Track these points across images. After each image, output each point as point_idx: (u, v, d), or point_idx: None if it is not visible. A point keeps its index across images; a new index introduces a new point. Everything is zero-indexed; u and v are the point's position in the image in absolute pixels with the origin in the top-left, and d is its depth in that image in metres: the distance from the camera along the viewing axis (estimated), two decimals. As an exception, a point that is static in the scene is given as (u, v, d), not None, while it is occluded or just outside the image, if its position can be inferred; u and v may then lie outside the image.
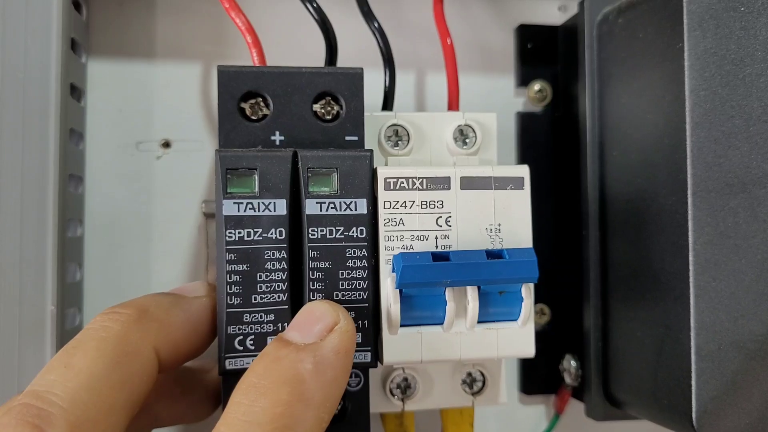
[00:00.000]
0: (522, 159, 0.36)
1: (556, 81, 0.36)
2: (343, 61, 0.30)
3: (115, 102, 0.33)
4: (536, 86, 0.36)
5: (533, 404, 0.36)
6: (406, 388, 0.29)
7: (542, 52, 0.36)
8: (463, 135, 0.29)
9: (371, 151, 0.26)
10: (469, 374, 0.29)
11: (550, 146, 0.36)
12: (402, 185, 0.26)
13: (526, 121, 0.36)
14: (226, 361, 0.25)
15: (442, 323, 0.26)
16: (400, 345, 0.26)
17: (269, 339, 0.25)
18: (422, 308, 0.26)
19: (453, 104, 0.32)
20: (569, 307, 0.34)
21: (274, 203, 0.25)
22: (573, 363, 0.34)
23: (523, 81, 0.36)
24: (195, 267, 0.33)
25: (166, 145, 0.33)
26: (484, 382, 0.29)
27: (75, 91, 0.31)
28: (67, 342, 0.29)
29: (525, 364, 0.36)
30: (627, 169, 0.30)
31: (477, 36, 0.36)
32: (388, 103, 0.31)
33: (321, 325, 0.22)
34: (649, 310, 0.29)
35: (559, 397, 0.35)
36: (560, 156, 0.35)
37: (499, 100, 0.36)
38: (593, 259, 0.32)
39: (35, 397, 0.20)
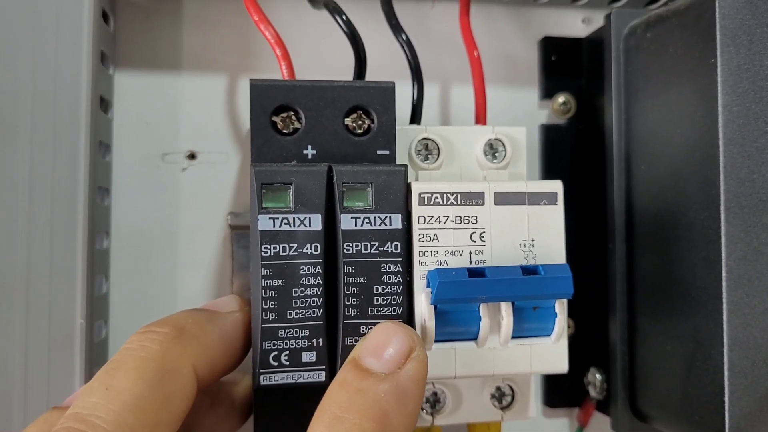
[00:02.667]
0: (546, 171, 0.36)
1: (580, 93, 0.36)
2: (369, 73, 0.30)
3: (142, 113, 0.33)
4: (560, 98, 0.36)
5: (557, 417, 0.36)
6: (435, 402, 0.29)
7: (566, 64, 0.36)
8: (492, 149, 0.29)
9: (405, 165, 0.26)
10: (498, 388, 0.29)
11: (573, 159, 0.36)
12: (436, 200, 0.26)
13: (550, 134, 0.36)
14: (261, 377, 0.24)
15: (475, 339, 0.26)
16: (435, 360, 0.26)
17: (304, 354, 0.25)
18: (456, 324, 0.26)
19: (480, 118, 0.32)
20: (594, 320, 0.34)
21: (310, 218, 0.25)
22: (598, 376, 0.34)
23: (547, 93, 0.36)
24: (220, 279, 0.33)
25: (192, 156, 0.33)
26: (513, 397, 0.29)
27: (103, 103, 0.31)
28: (95, 357, 0.30)
29: (549, 377, 0.36)
30: (655, 183, 0.30)
31: (501, 48, 0.36)
32: (416, 117, 0.31)
33: (396, 350, 0.22)
34: (679, 324, 0.29)
35: (583, 410, 0.35)
36: (584, 168, 0.35)
37: (523, 112, 0.36)
38: (619, 272, 0.32)
39: (79, 421, 0.20)
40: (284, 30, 0.29)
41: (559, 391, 0.36)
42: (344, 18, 0.30)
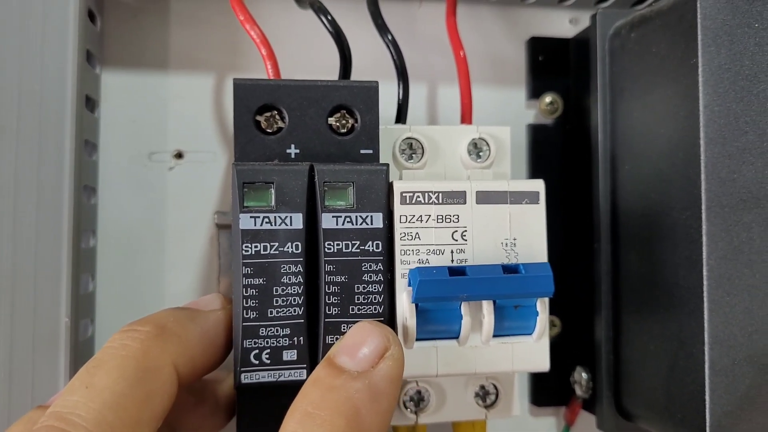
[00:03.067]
0: (533, 171, 0.36)
1: (568, 93, 0.36)
2: (355, 73, 0.31)
3: (129, 113, 0.33)
4: (547, 98, 0.36)
5: (544, 416, 0.36)
6: (419, 401, 0.29)
7: (554, 64, 0.36)
8: (477, 148, 0.29)
9: (387, 165, 0.26)
10: (482, 387, 0.29)
11: (560, 158, 0.36)
12: (418, 199, 0.26)
13: (537, 134, 0.36)
14: (242, 375, 0.25)
15: (457, 337, 0.26)
16: (416, 359, 0.26)
17: (285, 353, 0.25)
18: (438, 322, 0.26)
19: (466, 117, 0.32)
20: (580, 319, 0.34)
21: (291, 217, 0.25)
22: (584, 375, 0.34)
23: (535, 93, 0.36)
24: (207, 278, 0.33)
25: (179, 156, 0.33)
26: (497, 395, 0.29)
27: (89, 102, 0.31)
28: (80, 355, 0.30)
29: (535, 376, 0.36)
30: (639, 182, 0.30)
31: (488, 48, 0.36)
32: (401, 116, 0.31)
33: (371, 349, 0.22)
34: (662, 323, 0.29)
35: (569, 409, 0.35)
36: (571, 168, 0.36)
37: (510, 112, 0.36)
38: (605, 271, 0.32)
39: (59, 419, 0.20)
40: (270, 30, 0.30)
41: (546, 390, 0.36)
42: (329, 18, 0.30)
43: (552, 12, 0.37)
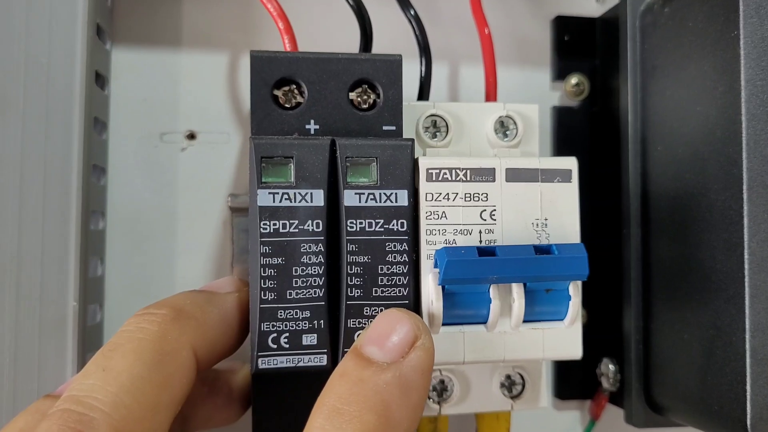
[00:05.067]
0: (557, 154, 0.35)
1: (594, 75, 0.35)
2: (375, 50, 0.29)
3: (140, 91, 0.32)
4: (573, 80, 0.35)
5: (568, 410, 0.35)
6: (442, 391, 0.27)
7: (580, 44, 0.35)
8: (503, 127, 0.28)
9: (412, 140, 0.24)
10: (508, 377, 0.28)
11: (586, 141, 0.35)
12: (445, 176, 0.25)
13: (562, 116, 0.35)
14: (259, 360, 0.23)
15: (485, 322, 0.25)
16: (442, 345, 0.24)
17: (304, 337, 0.23)
18: (465, 306, 0.24)
19: (491, 95, 0.30)
20: (607, 309, 0.33)
21: (311, 194, 0.24)
22: (611, 367, 0.32)
23: (560, 74, 0.35)
24: (220, 262, 0.32)
25: (192, 136, 0.32)
26: (523, 385, 0.28)
27: (99, 79, 0.30)
28: (89, 341, 0.28)
29: (560, 367, 0.34)
30: (673, 164, 0.29)
31: (512, 28, 0.35)
32: (423, 93, 0.30)
33: (400, 339, 0.21)
34: (698, 311, 0.27)
35: (595, 402, 0.34)
36: (597, 151, 0.34)
37: (534, 93, 0.35)
38: (635, 258, 0.31)
39: (75, 402, 0.19)
40: (287, 4, 0.28)
41: (571, 383, 0.34)
42: (350, -10, 0.28)
43: (578, -10, 0.36)
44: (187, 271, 0.32)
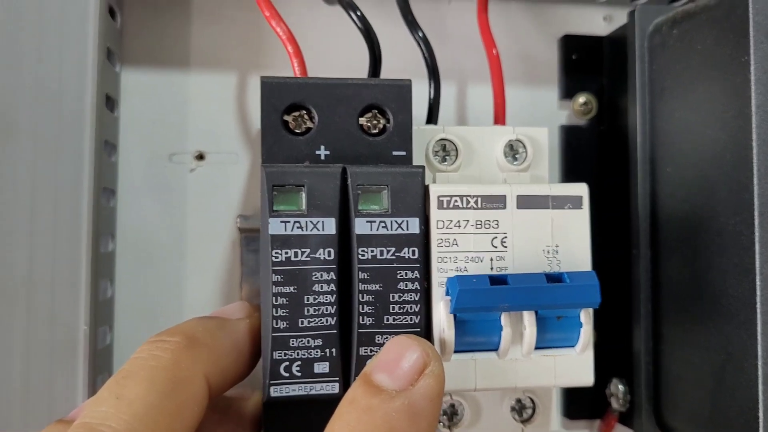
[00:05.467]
0: (565, 173, 0.35)
1: (602, 93, 0.35)
2: (383, 73, 0.29)
3: (149, 112, 0.32)
4: (581, 99, 0.35)
5: (577, 429, 0.35)
6: (452, 415, 0.27)
7: (587, 63, 0.35)
8: (513, 150, 0.28)
9: (423, 167, 0.24)
10: (519, 401, 0.28)
11: (594, 160, 0.35)
12: (456, 204, 0.25)
13: (570, 135, 0.35)
14: (271, 389, 0.23)
15: (496, 349, 0.25)
16: (453, 372, 0.24)
17: (316, 365, 0.23)
18: (476, 334, 0.24)
19: (499, 118, 0.30)
20: (616, 329, 0.33)
21: (323, 222, 0.24)
22: (621, 387, 0.32)
23: (568, 93, 0.35)
24: (229, 284, 0.32)
25: (200, 157, 0.32)
26: (534, 409, 0.28)
27: (109, 101, 0.30)
28: (99, 364, 0.28)
29: (569, 388, 0.34)
30: (682, 186, 0.29)
31: (519, 46, 0.35)
32: (432, 116, 0.30)
33: (410, 366, 0.21)
34: (708, 334, 0.27)
35: (604, 422, 0.34)
36: (606, 171, 0.34)
37: (542, 112, 0.35)
38: (644, 279, 0.31)
39: (89, 430, 0.19)
40: (295, 26, 0.28)
41: (580, 403, 0.34)
42: (359, 14, 0.29)
43: (585, 9, 0.36)
44: (195, 291, 0.32)
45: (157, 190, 0.32)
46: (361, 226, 0.24)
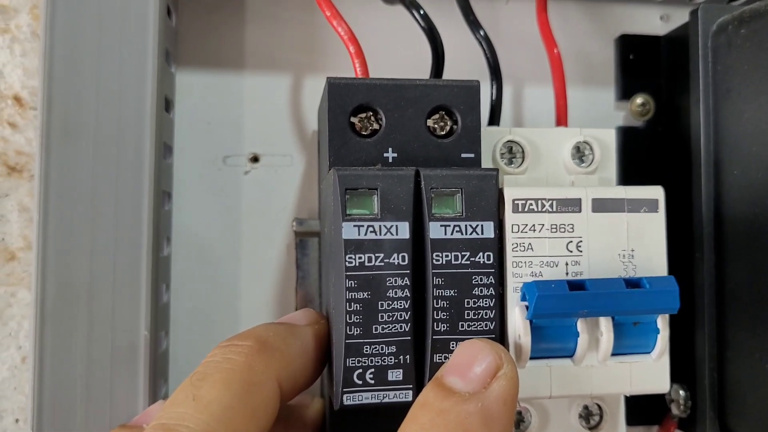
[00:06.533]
0: (623, 175, 0.34)
1: (659, 94, 0.34)
2: (444, 72, 0.29)
3: (203, 114, 0.32)
4: (639, 99, 0.34)
5: (634, 435, 0.34)
6: (519, 422, 0.27)
7: (644, 63, 0.34)
8: (579, 152, 0.27)
9: (497, 170, 0.24)
10: (586, 407, 0.27)
11: (652, 161, 0.34)
12: (531, 207, 0.24)
13: (627, 136, 0.34)
14: (344, 396, 0.23)
15: (572, 356, 0.24)
16: (529, 379, 0.24)
17: (390, 372, 0.23)
18: (552, 340, 0.24)
19: (562, 119, 0.30)
20: (676, 334, 0.32)
21: (397, 226, 0.23)
22: (682, 393, 0.32)
23: (625, 94, 0.34)
24: (284, 287, 0.32)
25: (255, 159, 0.32)
26: (601, 416, 0.27)
27: (166, 103, 0.30)
28: (158, 370, 0.28)
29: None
30: (750, 189, 0.28)
31: (576, 46, 0.34)
32: (494, 117, 0.29)
33: (483, 368, 0.20)
34: (780, 341, 0.27)
35: (663, 428, 0.33)
36: (665, 172, 0.33)
37: (598, 113, 0.34)
38: (708, 283, 0.30)
39: (167, 430, 0.19)
40: (352, 27, 0.28)
41: (638, 408, 0.34)
42: (422, 13, 0.28)
43: (641, 8, 0.35)
44: (251, 295, 0.31)
45: (211, 192, 0.31)
46: (435, 231, 0.23)
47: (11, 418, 0.31)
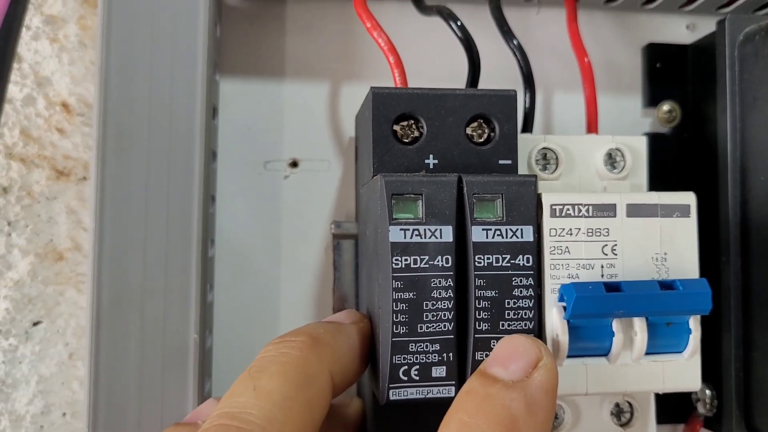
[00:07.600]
0: (650, 180, 0.35)
1: (685, 101, 0.35)
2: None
3: (245, 121, 0.33)
4: (665, 107, 0.35)
5: (660, 433, 0.35)
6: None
7: (671, 71, 0.35)
8: (611, 159, 0.28)
9: (535, 176, 0.25)
10: (617, 405, 0.28)
11: (679, 167, 0.35)
12: (568, 212, 0.25)
13: (654, 143, 0.35)
14: (390, 392, 0.24)
15: (606, 354, 0.25)
16: (565, 377, 0.25)
17: (434, 369, 0.24)
18: (588, 339, 0.25)
19: (592, 126, 0.31)
20: (703, 335, 0.33)
21: (441, 230, 0.24)
22: (708, 392, 0.33)
23: (652, 101, 0.35)
24: (322, 288, 0.33)
25: (294, 164, 0.33)
26: (632, 414, 0.28)
27: (213, 111, 0.31)
28: (204, 369, 0.29)
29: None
30: (777, 194, 0.29)
31: (604, 55, 0.35)
32: (528, 125, 0.30)
33: (524, 360, 0.21)
34: (807, 342, 0.27)
35: (689, 427, 0.34)
36: (691, 178, 0.34)
37: (626, 120, 0.35)
38: (734, 286, 0.31)
39: (231, 418, 0.20)
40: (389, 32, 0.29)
41: (664, 407, 0.35)
42: (459, 23, 0.29)
43: (668, 18, 0.36)
44: (290, 296, 0.33)
45: (252, 196, 0.33)
46: (477, 234, 0.24)
47: (59, 412, 0.33)
